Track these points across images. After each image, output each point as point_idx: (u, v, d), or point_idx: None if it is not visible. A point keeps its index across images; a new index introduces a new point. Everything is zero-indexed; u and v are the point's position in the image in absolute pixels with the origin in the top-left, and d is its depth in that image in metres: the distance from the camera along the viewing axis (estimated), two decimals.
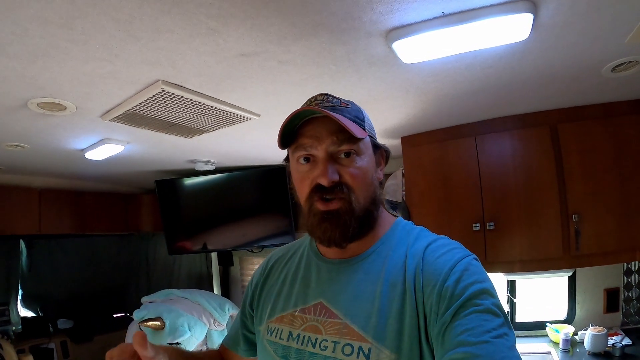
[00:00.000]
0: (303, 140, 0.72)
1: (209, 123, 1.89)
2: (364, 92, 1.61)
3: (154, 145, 2.35)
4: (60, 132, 2.01)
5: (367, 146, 0.75)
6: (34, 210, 3.20)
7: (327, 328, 0.71)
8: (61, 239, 3.66)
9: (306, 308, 0.76)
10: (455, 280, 0.63)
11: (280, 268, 0.89)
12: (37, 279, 3.54)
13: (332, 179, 0.70)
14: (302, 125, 0.73)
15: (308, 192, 0.73)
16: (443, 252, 0.69)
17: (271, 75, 1.41)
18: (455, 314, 0.60)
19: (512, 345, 0.58)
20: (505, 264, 2.07)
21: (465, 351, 0.56)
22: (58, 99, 1.56)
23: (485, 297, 0.61)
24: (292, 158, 0.76)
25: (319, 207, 0.72)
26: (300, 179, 0.75)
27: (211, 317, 2.87)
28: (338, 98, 0.76)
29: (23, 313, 3.49)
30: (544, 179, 1.98)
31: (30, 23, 1.03)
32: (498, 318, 0.59)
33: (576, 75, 1.57)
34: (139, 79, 1.42)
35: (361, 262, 0.75)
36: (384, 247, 0.76)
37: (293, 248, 0.92)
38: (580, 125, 1.95)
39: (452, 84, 1.58)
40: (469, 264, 0.67)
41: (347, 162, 0.72)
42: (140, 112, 1.69)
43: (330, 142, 0.71)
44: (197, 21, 1.06)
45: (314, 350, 0.71)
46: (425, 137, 2.29)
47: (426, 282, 0.66)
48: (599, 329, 2.10)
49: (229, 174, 3.24)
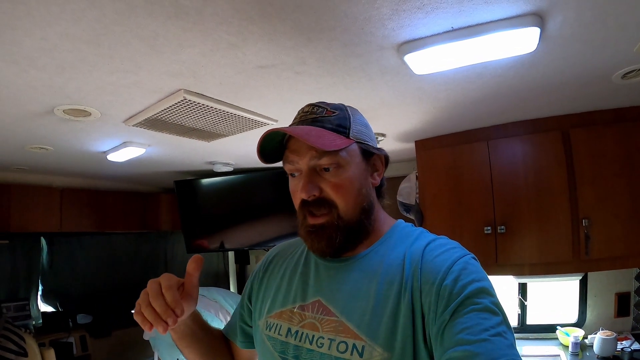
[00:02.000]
0: (287, 154, 0.75)
1: (228, 128, 1.94)
2: (377, 100, 1.66)
3: (174, 148, 2.41)
4: (84, 136, 2.07)
5: (352, 154, 0.74)
6: (55, 209, 3.26)
7: (324, 325, 0.72)
8: (81, 236, 3.72)
9: (305, 305, 0.77)
10: (453, 279, 0.63)
11: (280, 263, 0.89)
12: (57, 276, 3.59)
13: (311, 193, 0.71)
14: (289, 138, 0.75)
15: (299, 205, 0.76)
16: (441, 251, 0.69)
17: (287, 85, 1.46)
18: (453, 312, 0.60)
19: (510, 343, 0.57)
20: (515, 267, 2.10)
21: (464, 349, 0.56)
22: (84, 106, 1.62)
23: (484, 295, 0.61)
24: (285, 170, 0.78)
25: (308, 220, 0.74)
26: (292, 191, 0.77)
27: (228, 315, 2.93)
28: (325, 107, 0.76)
29: (43, 308, 3.56)
30: (555, 183, 2.00)
31: (59, 39, 1.08)
32: (496, 316, 0.60)
33: (586, 82, 1.59)
34: (161, 88, 1.47)
35: (359, 261, 0.76)
36: (382, 247, 0.76)
37: (294, 244, 0.92)
38: (592, 130, 1.96)
39: (463, 92, 1.62)
40: (467, 262, 0.67)
41: (328, 176, 0.72)
42: (162, 118, 1.74)
43: (310, 157, 0.71)
44: (218, 37, 1.11)
45: (311, 347, 0.72)
46: (439, 141, 2.33)
47: (424, 281, 0.66)
48: (608, 333, 2.11)
49: (245, 175, 3.28)
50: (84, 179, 3.48)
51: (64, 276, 3.64)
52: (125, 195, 3.79)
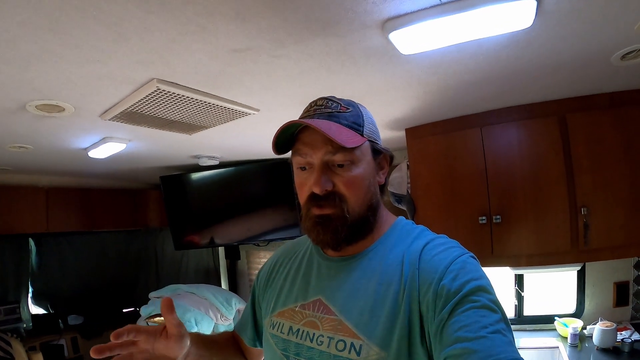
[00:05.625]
0: (299, 146, 0.74)
1: (208, 119, 1.86)
2: (364, 85, 1.57)
3: (155, 142, 2.33)
4: (62, 132, 2.01)
5: (364, 152, 0.75)
6: (41, 208, 3.21)
7: (324, 324, 0.73)
8: (70, 236, 3.67)
9: (306, 304, 0.78)
10: (451, 278, 0.64)
11: (285, 263, 0.91)
12: (47, 276, 3.55)
13: (324, 188, 0.71)
14: (302, 130, 0.75)
15: (305, 198, 0.75)
16: (440, 250, 0.70)
17: (266, 70, 1.37)
18: (452, 311, 0.61)
19: (509, 340, 0.57)
20: (512, 258, 2.03)
21: (463, 347, 0.56)
22: (56, 101, 1.56)
23: (482, 293, 0.62)
24: (293, 162, 0.78)
25: (314, 211, 0.74)
26: (300, 184, 0.77)
27: (218, 312, 2.89)
28: (339, 102, 0.76)
29: (34, 310, 3.52)
30: (551, 170, 1.93)
31: (19, 29, 1.01)
32: (495, 314, 0.60)
33: (584, 64, 1.51)
34: (133, 78, 1.40)
35: (359, 260, 0.77)
36: (382, 246, 0.77)
37: (299, 244, 0.94)
38: (589, 115, 1.88)
39: (455, 75, 1.53)
40: (466, 262, 0.67)
41: (341, 172, 0.73)
42: (138, 111, 1.67)
43: (325, 151, 0.71)
44: (186, 19, 1.03)
45: (311, 345, 0.73)
46: (430, 128, 2.24)
47: (423, 280, 0.67)
48: (608, 324, 2.06)
49: (234, 169, 3.22)
50: (70, 177, 3.41)
51: (54, 277, 3.59)
52: (114, 193, 3.73)
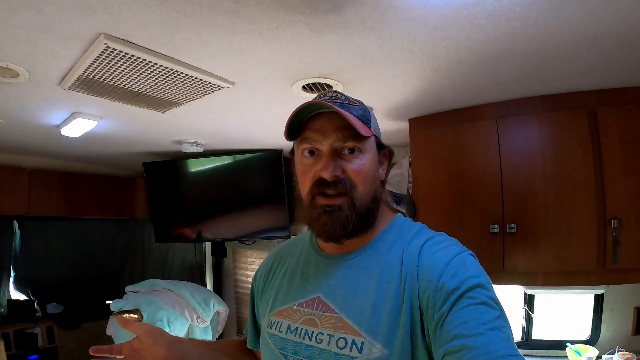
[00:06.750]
0: (309, 133, 0.74)
1: (177, 92, 1.65)
2: (355, 51, 1.29)
3: (129, 121, 2.14)
4: (26, 104, 1.88)
5: (371, 145, 0.77)
6: (23, 190, 3.12)
7: (323, 322, 0.73)
8: (55, 221, 3.57)
9: (304, 302, 0.78)
10: (451, 275, 0.65)
11: (282, 263, 0.91)
12: (30, 262, 3.46)
13: (334, 174, 0.72)
14: (310, 118, 0.75)
15: (310, 186, 0.75)
16: (439, 248, 0.71)
17: (230, 24, 1.11)
18: (451, 308, 0.61)
19: (508, 337, 0.58)
20: (526, 275, 1.74)
21: (461, 344, 0.57)
22: (6, 63, 1.40)
23: (481, 290, 0.63)
24: (297, 150, 0.78)
25: (320, 201, 0.74)
26: (303, 171, 0.77)
27: (194, 312, 2.68)
28: (347, 96, 0.78)
29: (15, 296, 3.42)
30: (578, 174, 1.64)
31: None
32: (494, 310, 0.61)
33: (624, 43, 1.23)
34: (77, 32, 1.18)
35: (358, 257, 0.77)
36: (381, 243, 0.78)
37: (294, 243, 0.94)
38: (625, 110, 1.60)
39: (468, 44, 1.25)
40: (465, 259, 0.68)
41: (350, 159, 0.74)
42: (95, 78, 1.49)
43: (335, 138, 0.73)
44: None
45: (310, 343, 0.73)
46: (437, 118, 1.97)
47: (422, 277, 0.68)
48: (628, 356, 1.80)
49: (223, 163, 3.04)
50: (54, 159, 3.28)
51: (37, 262, 3.51)
52: (98, 179, 3.59)
